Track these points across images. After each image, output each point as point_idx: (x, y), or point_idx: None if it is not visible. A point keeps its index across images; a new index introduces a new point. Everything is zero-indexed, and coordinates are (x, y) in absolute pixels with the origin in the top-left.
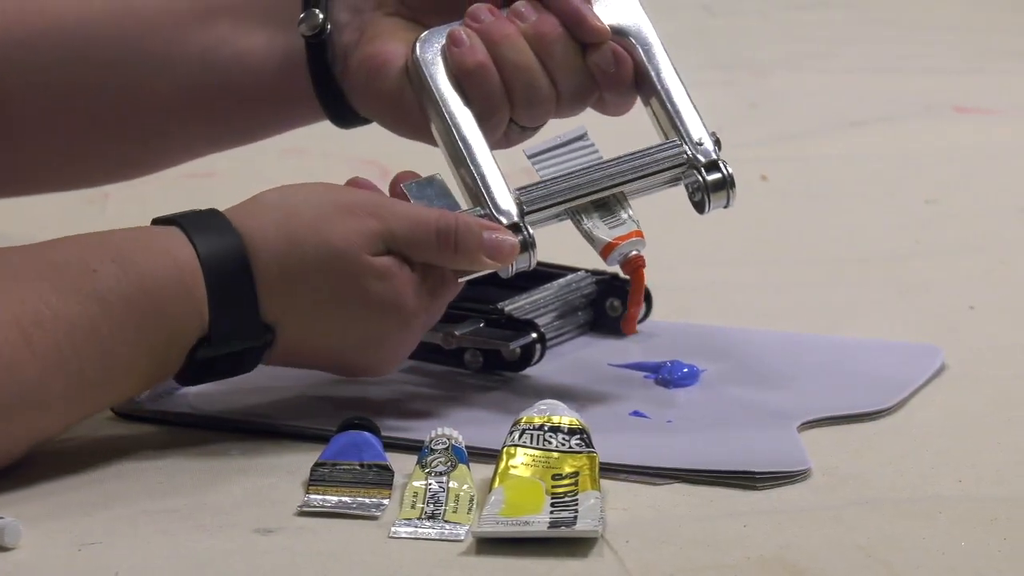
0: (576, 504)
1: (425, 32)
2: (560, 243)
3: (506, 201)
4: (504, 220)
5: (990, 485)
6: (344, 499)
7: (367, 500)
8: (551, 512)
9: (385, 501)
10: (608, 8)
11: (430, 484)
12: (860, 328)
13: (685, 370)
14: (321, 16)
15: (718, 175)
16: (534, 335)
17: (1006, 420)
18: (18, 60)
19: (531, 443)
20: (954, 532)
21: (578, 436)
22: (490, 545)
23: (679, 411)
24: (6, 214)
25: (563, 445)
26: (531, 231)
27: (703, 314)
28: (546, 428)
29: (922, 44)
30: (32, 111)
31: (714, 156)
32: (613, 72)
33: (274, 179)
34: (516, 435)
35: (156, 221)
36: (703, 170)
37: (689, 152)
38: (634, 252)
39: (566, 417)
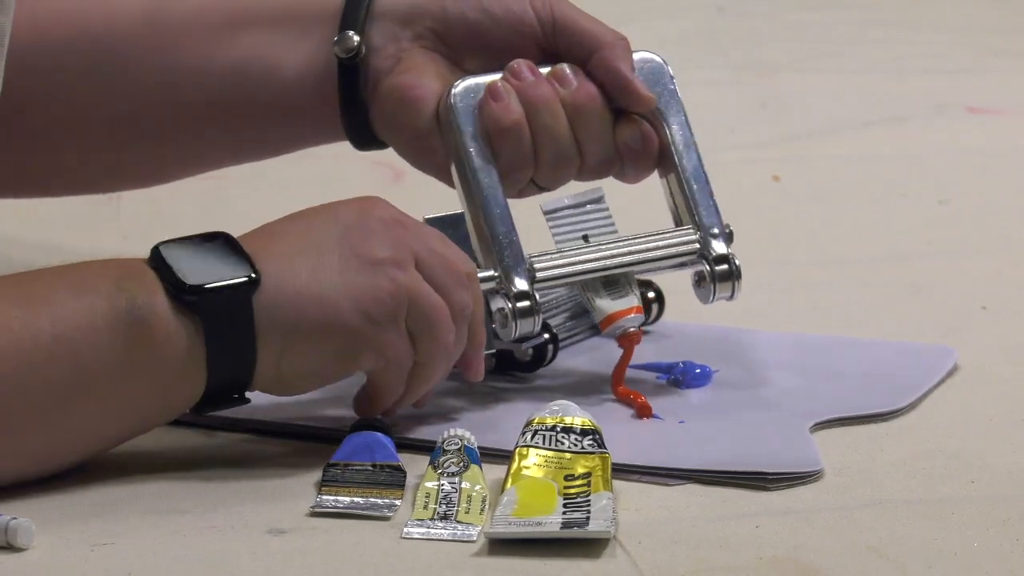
0: (588, 505)
1: (462, 78)
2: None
3: (519, 268)
4: (514, 288)
5: (1002, 486)
6: (356, 500)
7: (379, 501)
8: (563, 513)
9: (397, 502)
10: (643, 79)
11: (442, 485)
12: (872, 329)
13: (697, 371)
14: (356, 39)
15: (725, 267)
16: (546, 336)
17: (1018, 421)
18: (43, 67)
19: (543, 444)
20: (967, 533)
21: (590, 437)
22: (502, 546)
23: (691, 412)
24: (18, 214)
25: (575, 446)
26: (539, 298)
27: (715, 315)
28: (558, 429)
29: (932, 44)
30: (53, 118)
31: (724, 251)
32: (639, 149)
33: (287, 182)
34: (528, 436)
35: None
36: (712, 263)
37: (700, 242)
38: (632, 328)
39: (578, 418)
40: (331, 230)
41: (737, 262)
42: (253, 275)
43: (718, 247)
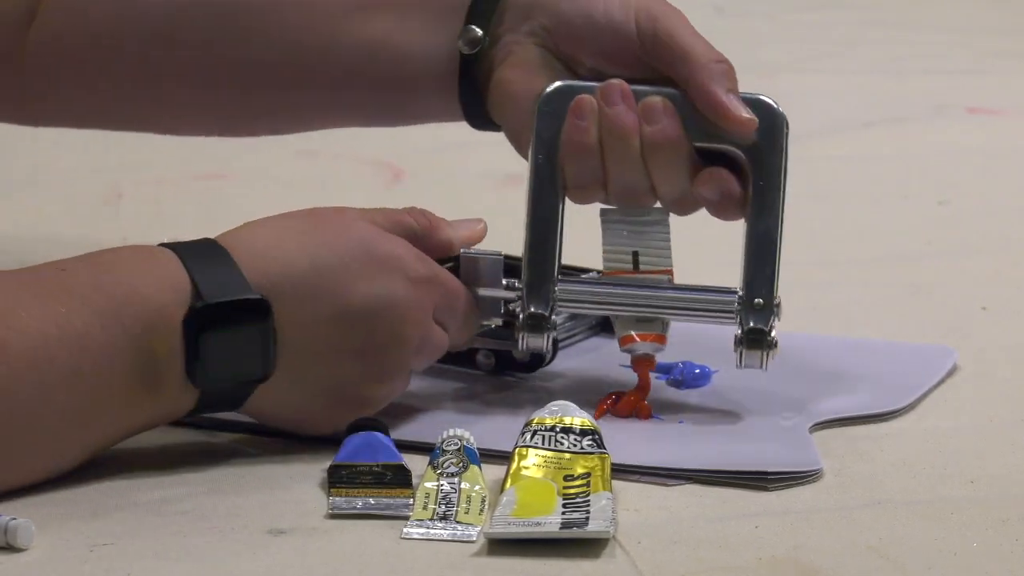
0: (588, 505)
1: (557, 82)
2: (570, 244)
3: (542, 290)
4: (531, 308)
5: (1002, 486)
6: (369, 500)
7: (392, 501)
8: (563, 513)
9: (410, 500)
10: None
11: (442, 485)
12: (872, 329)
13: (697, 371)
14: (480, 34)
15: (755, 340)
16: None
17: (1018, 421)
18: (181, 39)
19: (543, 444)
20: (966, 533)
21: (590, 437)
22: (502, 546)
23: (691, 412)
24: (21, 214)
25: (575, 446)
26: (555, 320)
27: None
28: (558, 429)
29: (932, 45)
30: (187, 84)
31: (761, 324)
32: (715, 203)
33: (287, 182)
34: (528, 436)
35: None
36: (746, 333)
37: (738, 307)
38: (645, 353)
39: (578, 418)
40: (360, 332)
41: (772, 336)
42: (266, 373)
43: (753, 321)
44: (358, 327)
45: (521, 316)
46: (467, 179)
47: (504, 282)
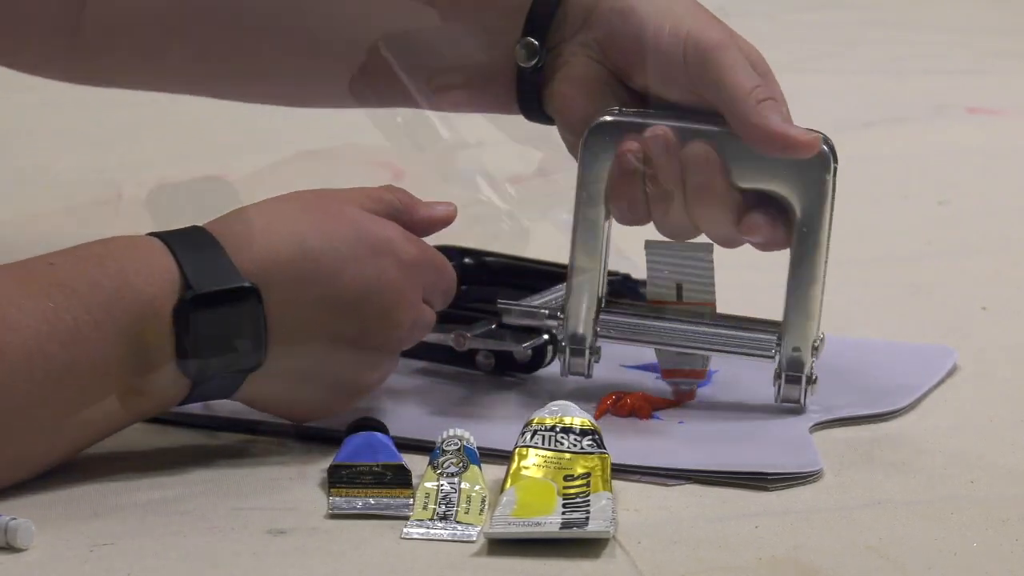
0: (588, 505)
1: (601, 119)
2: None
3: (580, 321)
4: (571, 344)
5: (1002, 486)
6: (369, 500)
7: (392, 501)
8: (563, 513)
9: (410, 500)
10: (800, 168)
11: (442, 485)
12: (872, 329)
13: None
14: (537, 44)
15: (794, 378)
16: (546, 336)
17: (1018, 421)
18: (245, 15)
19: (543, 444)
20: (966, 533)
21: (590, 437)
22: (502, 546)
23: (691, 412)
24: (21, 214)
25: (575, 446)
26: (598, 345)
27: None
28: (558, 429)
29: (932, 45)
30: (247, 56)
31: (796, 371)
32: (760, 245)
33: (287, 183)
34: (528, 436)
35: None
36: (783, 374)
37: (775, 349)
38: (688, 388)
39: (578, 418)
40: (352, 317)
41: (810, 373)
42: (258, 361)
43: (787, 365)
44: (350, 312)
45: (563, 343)
46: (469, 179)
47: (546, 311)
